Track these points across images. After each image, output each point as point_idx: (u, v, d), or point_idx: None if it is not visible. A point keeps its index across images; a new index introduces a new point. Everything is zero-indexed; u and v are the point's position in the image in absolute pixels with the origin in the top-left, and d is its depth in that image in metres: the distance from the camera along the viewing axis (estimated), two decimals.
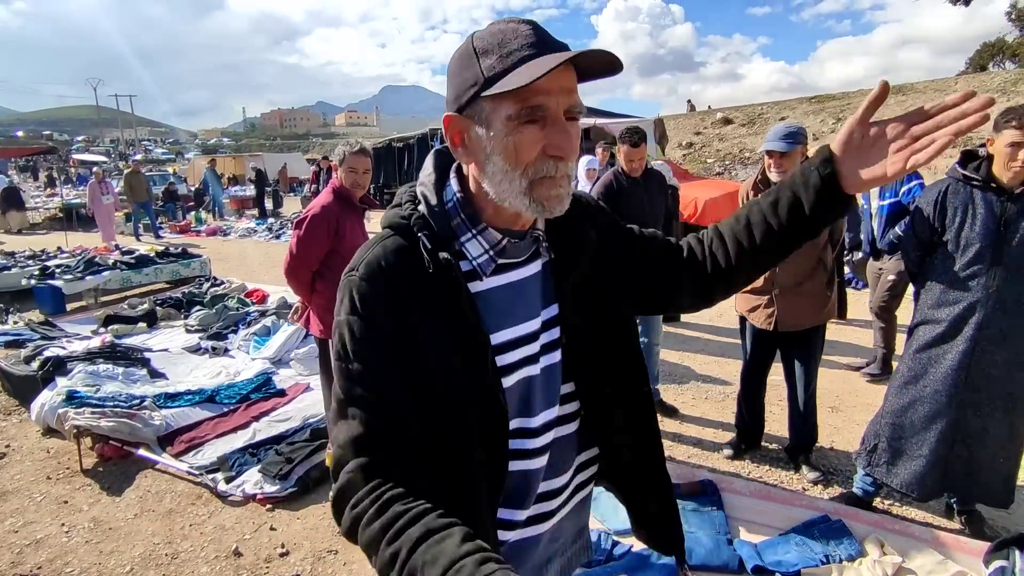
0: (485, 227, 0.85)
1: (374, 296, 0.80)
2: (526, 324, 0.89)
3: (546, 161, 0.77)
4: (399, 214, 0.87)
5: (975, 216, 2.30)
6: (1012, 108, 2.23)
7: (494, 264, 0.86)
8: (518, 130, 0.76)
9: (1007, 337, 2.29)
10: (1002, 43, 24.15)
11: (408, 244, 0.83)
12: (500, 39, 0.76)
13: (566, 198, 0.81)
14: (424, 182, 0.90)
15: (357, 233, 2.68)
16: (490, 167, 0.80)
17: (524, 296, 0.89)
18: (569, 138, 0.77)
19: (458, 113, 0.81)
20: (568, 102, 0.76)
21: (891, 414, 2.55)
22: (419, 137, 13.60)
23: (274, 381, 4.34)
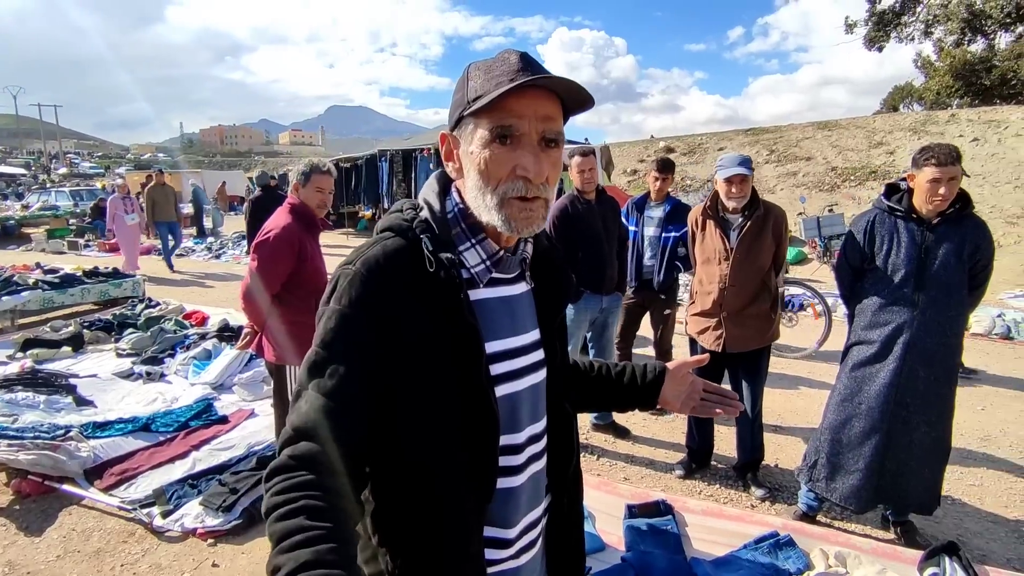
0: (485, 238, 0.89)
1: (366, 292, 0.81)
2: (515, 339, 0.91)
3: (515, 181, 0.82)
4: (401, 217, 0.89)
5: (899, 244, 2.48)
6: (928, 146, 2.44)
7: (490, 275, 0.89)
8: (491, 147, 0.81)
9: (931, 355, 2.47)
10: (910, 87, 26.33)
11: (408, 245, 0.85)
12: (489, 66, 0.83)
13: (537, 221, 0.84)
14: (427, 192, 0.93)
15: (316, 254, 2.62)
16: (469, 181, 0.86)
17: (513, 312, 0.92)
18: (537, 161, 0.81)
19: (451, 131, 0.88)
20: (544, 127, 0.81)
21: (829, 430, 2.69)
22: (368, 158, 13.47)
23: (215, 407, 4.13)
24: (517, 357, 0.91)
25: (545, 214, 0.86)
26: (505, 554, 0.94)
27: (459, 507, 0.85)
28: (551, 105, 0.82)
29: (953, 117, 14.30)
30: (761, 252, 2.89)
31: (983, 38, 22.58)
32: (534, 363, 0.94)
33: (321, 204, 2.64)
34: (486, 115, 0.80)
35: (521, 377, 0.92)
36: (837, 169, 13.84)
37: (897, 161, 13.23)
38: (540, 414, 0.96)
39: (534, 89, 0.79)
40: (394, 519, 0.88)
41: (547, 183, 0.84)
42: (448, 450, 0.84)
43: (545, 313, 0.97)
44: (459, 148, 0.88)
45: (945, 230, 2.40)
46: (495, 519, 0.91)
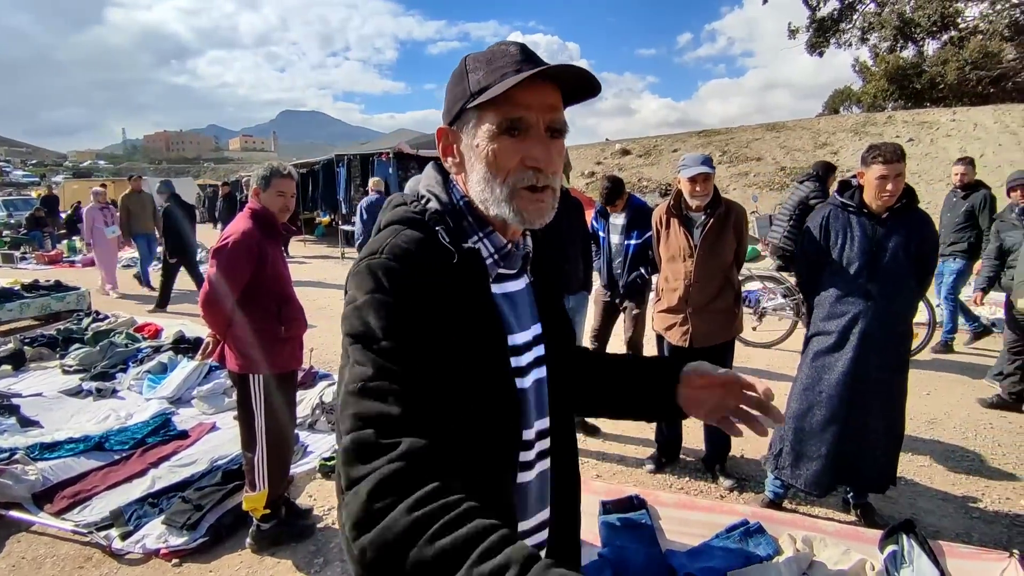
0: (492, 231, 0.88)
1: (404, 276, 0.77)
2: (521, 334, 0.90)
3: (525, 171, 0.81)
4: (409, 210, 0.86)
5: (853, 238, 2.60)
6: (875, 145, 2.56)
7: (498, 269, 0.88)
8: (498, 140, 0.80)
9: (883, 343, 2.59)
10: (849, 90, 27.62)
11: (424, 237, 0.82)
12: (489, 57, 0.82)
13: (547, 211, 0.84)
14: (430, 183, 0.91)
15: (278, 260, 2.56)
16: (474, 175, 0.84)
17: (517, 307, 0.91)
18: (547, 150, 0.81)
19: (449, 126, 0.86)
20: (550, 118, 0.81)
21: (792, 419, 2.78)
22: (324, 163, 13.23)
23: (174, 422, 3.97)
24: (523, 353, 0.90)
25: (554, 204, 0.85)
26: None
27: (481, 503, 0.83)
28: (555, 95, 0.82)
29: (890, 119, 15.07)
30: (724, 248, 2.98)
31: (913, 45, 23.90)
32: (537, 358, 0.93)
33: (283, 208, 2.58)
34: (492, 107, 0.79)
35: (527, 373, 0.91)
36: (786, 169, 14.38)
37: (841, 160, 13.84)
38: (545, 410, 0.95)
39: (538, 80, 0.78)
40: None
41: (554, 173, 0.84)
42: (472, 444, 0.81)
43: (544, 307, 0.97)
44: (459, 143, 0.86)
45: (894, 224, 2.53)
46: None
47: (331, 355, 5.52)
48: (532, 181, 0.81)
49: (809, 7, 25.45)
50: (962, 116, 13.95)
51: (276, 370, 2.55)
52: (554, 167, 0.83)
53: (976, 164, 5.71)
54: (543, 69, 0.77)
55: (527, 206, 0.82)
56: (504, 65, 0.80)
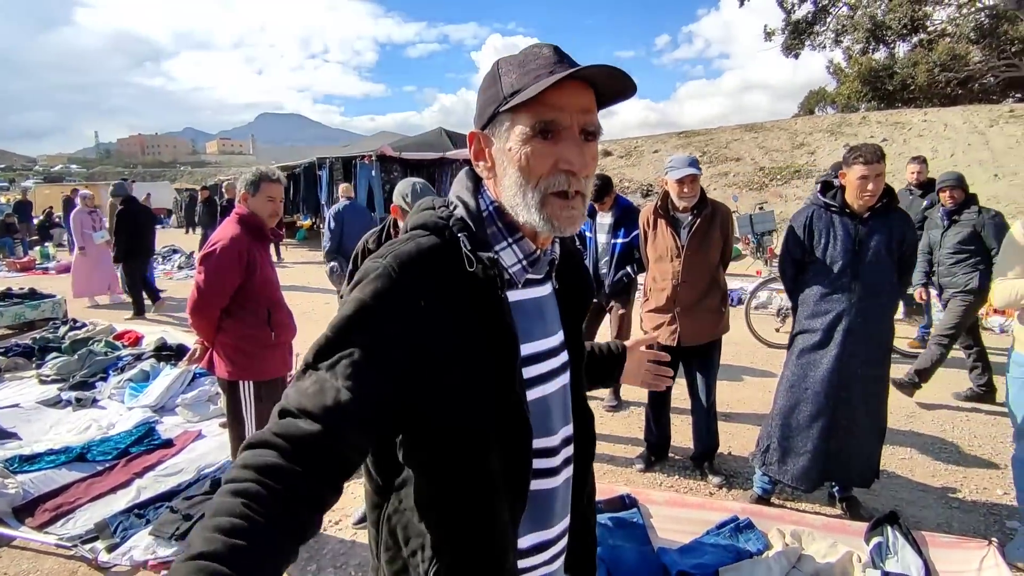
0: (522, 237, 0.87)
1: (394, 287, 0.77)
2: (546, 340, 0.91)
3: (558, 175, 0.80)
4: (435, 215, 0.86)
5: (836, 237, 2.66)
6: (856, 147, 2.63)
7: (526, 275, 0.88)
8: (532, 143, 0.79)
9: (867, 340, 2.65)
10: (824, 91, 28.14)
11: (443, 244, 0.82)
12: (521, 60, 0.81)
13: (579, 219, 0.83)
14: (460, 190, 0.90)
15: (267, 265, 2.54)
16: (506, 180, 0.83)
17: (544, 314, 0.92)
18: (581, 153, 0.80)
19: (481, 130, 0.85)
20: (584, 120, 0.80)
21: (779, 416, 2.83)
22: (306, 166, 13.11)
23: (158, 431, 3.90)
24: (549, 359, 0.90)
25: (585, 211, 0.84)
26: (543, 558, 0.92)
27: (494, 517, 0.82)
28: (589, 97, 0.81)
29: (864, 119, 15.39)
30: (710, 248, 3.03)
31: (885, 47, 24.42)
32: (562, 364, 0.93)
33: (273, 213, 2.56)
34: (525, 110, 0.78)
35: (552, 379, 0.91)
36: (764, 169, 14.60)
37: (818, 160, 14.10)
38: (569, 416, 0.95)
39: (572, 81, 0.77)
40: (428, 528, 0.84)
41: (588, 177, 0.83)
42: (481, 458, 0.81)
43: (569, 314, 0.96)
44: (491, 146, 0.85)
45: (875, 223, 2.60)
46: (536, 523, 0.90)
47: None
48: (564, 185, 0.80)
49: (784, 10, 25.86)
50: (933, 117, 14.31)
51: (266, 376, 2.53)
52: (588, 170, 0.82)
53: (948, 163, 5.88)
54: (577, 70, 0.76)
55: (558, 214, 0.81)
56: (537, 67, 0.79)
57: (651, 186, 15.59)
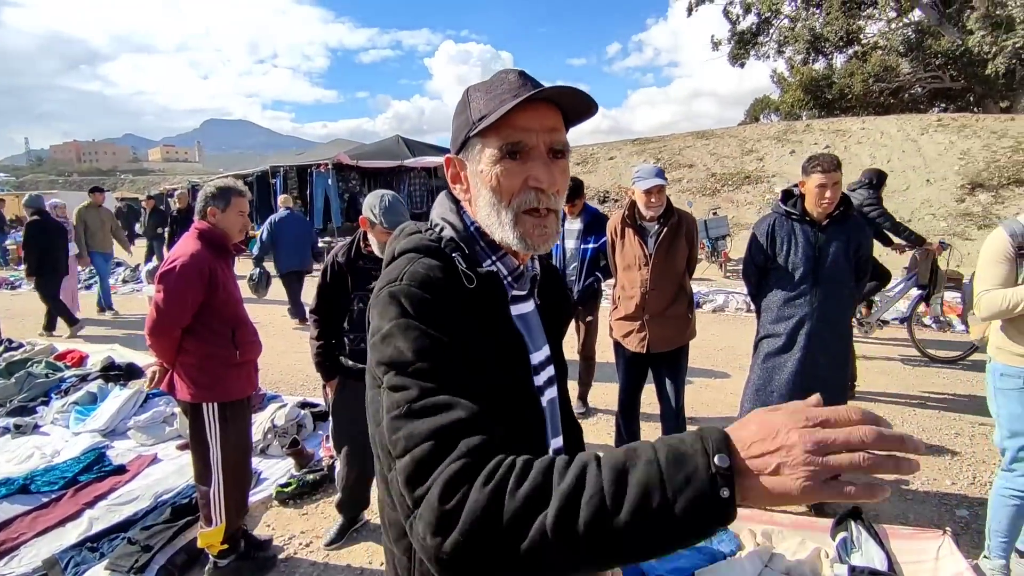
0: (505, 254, 0.90)
1: (429, 301, 0.77)
2: (536, 355, 0.92)
3: (528, 192, 0.83)
4: (425, 238, 0.87)
5: (796, 244, 2.76)
6: (815, 156, 2.74)
7: (512, 291, 0.90)
8: (501, 164, 0.82)
9: (828, 343, 2.76)
10: (768, 100, 29.31)
11: (442, 264, 0.83)
12: (488, 86, 0.85)
13: (551, 236, 0.86)
14: (444, 212, 0.92)
15: (230, 281, 2.44)
16: (481, 200, 0.86)
17: (530, 328, 0.93)
18: (550, 171, 0.83)
19: (456, 154, 0.89)
20: (550, 139, 0.83)
21: None
22: (259, 175, 12.73)
23: (109, 457, 3.70)
24: (539, 373, 0.93)
25: (557, 228, 0.88)
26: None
27: None
28: (555, 117, 0.84)
29: (808, 127, 16.09)
30: (677, 256, 3.09)
31: (824, 58, 25.66)
32: (549, 378, 0.96)
33: (244, 228, 2.48)
34: (494, 133, 0.82)
35: (543, 393, 0.93)
36: (716, 175, 15.05)
37: (766, 166, 14.64)
38: (558, 430, 0.97)
39: (537, 103, 0.81)
40: None
41: (558, 193, 0.86)
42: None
43: (552, 329, 1.00)
44: (466, 170, 0.89)
45: (833, 230, 2.71)
46: None
47: (276, 375, 5.31)
48: (535, 203, 0.84)
49: (729, 21, 26.86)
50: (870, 125, 15.08)
51: (231, 397, 2.43)
52: (557, 187, 0.85)
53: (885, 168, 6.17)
54: (536, 92, 0.79)
55: (531, 231, 0.84)
56: (503, 92, 0.83)
57: (607, 192, 15.84)
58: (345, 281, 2.63)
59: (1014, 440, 2.27)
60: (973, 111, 19.41)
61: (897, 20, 24.28)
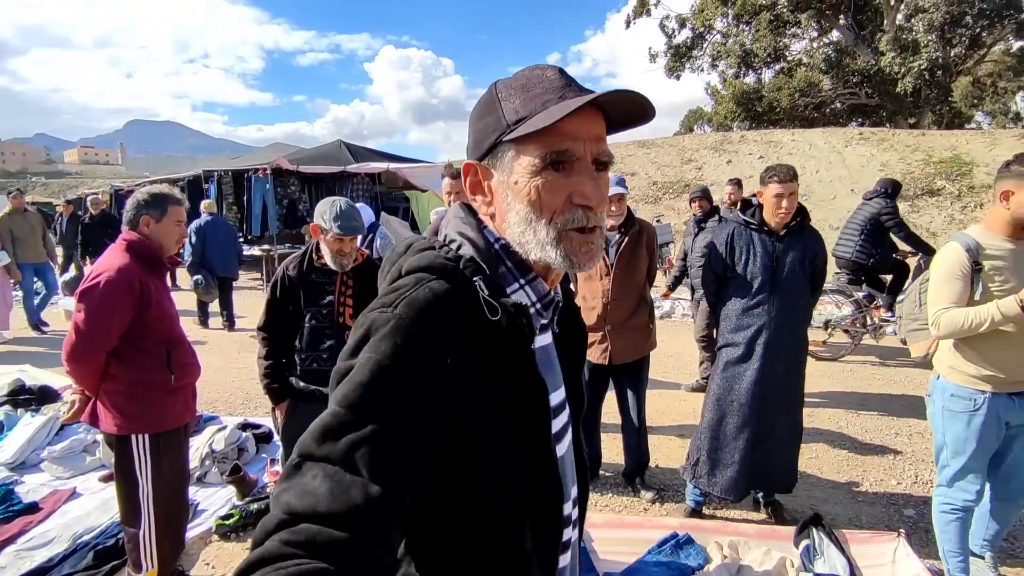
0: (535, 277, 0.77)
1: (420, 344, 0.64)
2: (557, 393, 0.81)
3: (574, 211, 0.72)
4: (440, 255, 0.74)
5: (755, 254, 2.78)
6: (772, 167, 2.77)
7: (540, 320, 0.78)
8: (542, 176, 0.71)
9: (785, 352, 2.79)
10: (702, 111, 30.47)
11: (457, 289, 0.70)
12: (524, 83, 0.73)
13: (597, 253, 0.75)
14: (460, 226, 0.79)
15: (164, 297, 2.20)
16: (512, 216, 0.74)
17: (551, 363, 0.82)
18: (598, 187, 0.73)
19: (479, 161, 0.76)
20: (597, 149, 0.73)
21: (708, 429, 2.91)
22: (190, 179, 12.03)
23: (18, 493, 3.30)
24: (560, 414, 0.81)
25: (602, 245, 0.77)
26: None
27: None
28: (600, 124, 0.74)
29: (743, 138, 16.78)
30: (638, 266, 3.06)
31: (754, 72, 26.96)
32: (565, 423, 0.84)
33: (181, 239, 2.26)
34: (534, 140, 0.70)
35: (564, 437, 0.82)
36: (658, 183, 15.44)
37: (704, 175, 15.14)
38: (574, 477, 0.86)
39: (585, 107, 0.70)
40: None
41: (603, 211, 0.76)
42: (517, 541, 0.71)
43: (569, 363, 0.87)
44: (491, 179, 0.77)
45: (790, 240, 2.74)
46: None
47: (214, 393, 4.95)
48: (583, 222, 0.73)
49: (666, 34, 27.87)
50: (799, 137, 15.89)
51: (165, 426, 2.18)
52: (603, 204, 0.75)
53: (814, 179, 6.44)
54: (595, 96, 0.68)
55: (577, 249, 0.73)
56: (543, 91, 0.71)
57: None
58: (297, 296, 2.45)
59: (956, 460, 2.25)
60: (887, 126, 20.81)
61: (818, 39, 25.86)
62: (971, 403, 2.17)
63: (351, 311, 2.46)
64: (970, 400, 2.18)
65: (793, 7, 24.31)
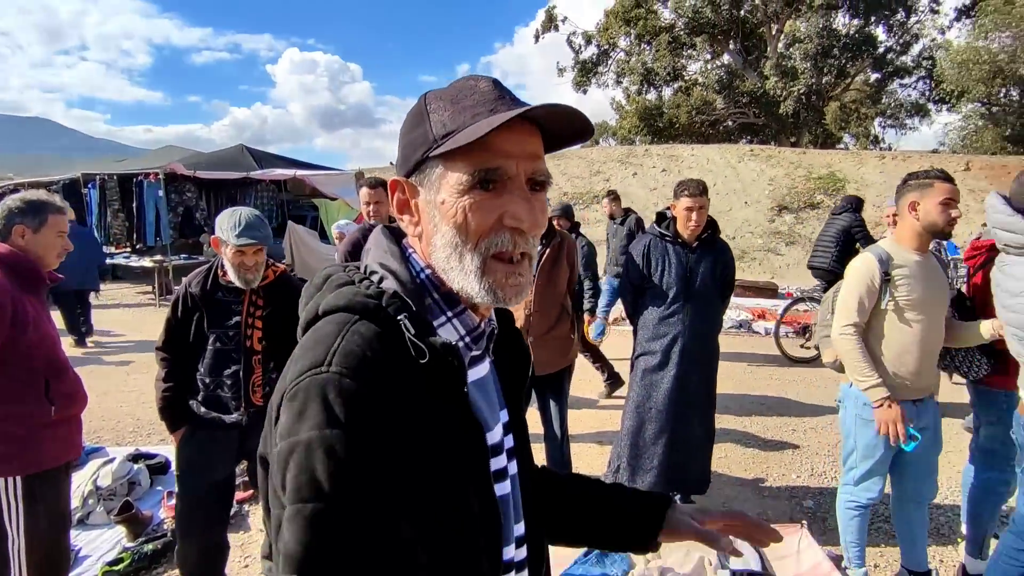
0: (464, 310, 0.72)
1: (366, 398, 0.58)
2: (496, 430, 0.76)
3: (502, 233, 0.67)
4: (360, 292, 0.66)
5: (670, 265, 2.90)
6: (684, 181, 2.91)
7: (469, 354, 0.72)
8: (471, 195, 0.66)
9: (699, 358, 2.93)
10: (607, 125, 31.83)
11: (384, 330, 0.64)
12: (455, 95, 0.68)
13: (525, 287, 0.70)
14: (382, 255, 0.72)
15: (43, 318, 1.93)
16: (438, 239, 0.69)
17: (489, 396, 0.76)
18: (532, 209, 0.67)
19: (406, 177, 0.70)
20: (532, 168, 0.68)
21: (628, 436, 2.99)
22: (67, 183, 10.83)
23: None
24: (497, 455, 0.75)
25: (531, 277, 0.72)
26: None
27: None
28: (537, 141, 0.69)
29: (647, 152, 17.67)
30: (559, 278, 3.10)
31: (655, 90, 28.54)
32: (508, 450, 0.79)
33: (63, 252, 1.99)
34: (462, 156, 0.65)
35: (506, 475, 0.76)
36: (568, 194, 15.88)
37: (612, 187, 15.75)
38: (520, 514, 0.80)
39: (519, 123, 0.66)
40: None
41: (537, 236, 0.70)
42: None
43: (511, 391, 0.82)
44: (418, 197, 0.71)
45: (702, 252, 2.89)
46: None
47: (98, 422, 4.46)
48: (510, 246, 0.67)
49: (573, 50, 28.93)
50: (698, 152, 16.98)
51: (43, 466, 1.91)
52: (538, 228, 0.69)
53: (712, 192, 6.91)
54: (529, 110, 0.63)
55: (502, 282, 0.67)
56: (475, 104, 0.66)
57: None
58: (199, 316, 2.23)
59: (865, 463, 2.40)
60: (772, 144, 22.72)
61: (712, 61, 27.84)
62: None
63: (260, 334, 2.26)
64: None
65: (689, 31, 26.04)
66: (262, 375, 2.28)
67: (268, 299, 2.27)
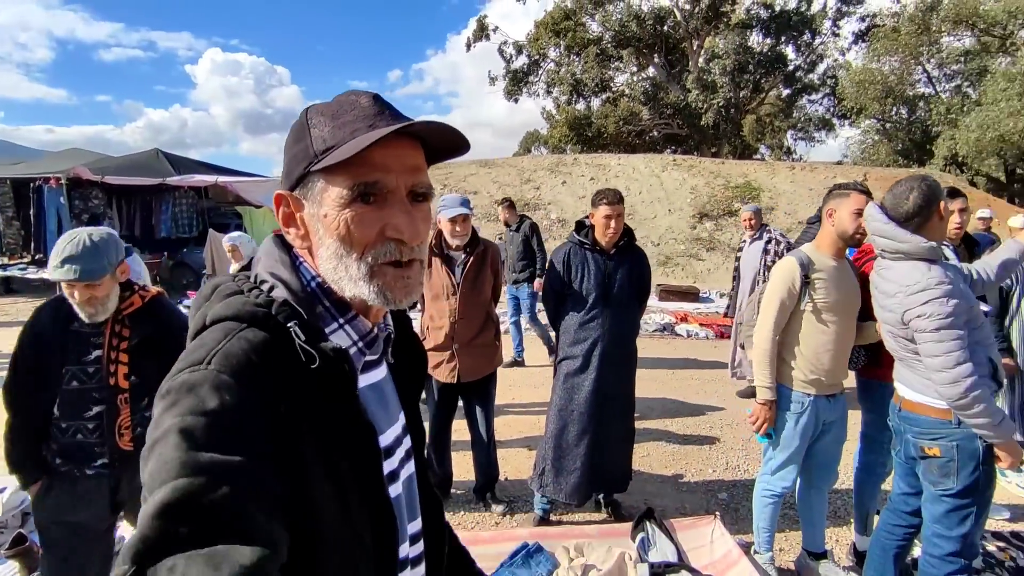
0: (355, 316, 0.74)
1: (241, 398, 0.58)
2: (392, 431, 0.78)
3: (387, 244, 0.70)
4: (248, 301, 0.66)
5: (589, 271, 3.00)
6: (601, 191, 3.02)
7: (363, 359, 0.74)
8: (352, 209, 0.68)
9: (618, 361, 3.04)
10: (538, 133, 32.41)
11: (272, 338, 0.64)
12: (335, 110, 0.70)
13: (415, 287, 0.73)
14: (272, 264, 0.73)
15: None
16: (323, 251, 0.71)
17: (384, 399, 0.79)
18: (412, 220, 0.71)
19: (290, 191, 0.72)
20: (412, 181, 0.71)
21: (551, 439, 3.06)
22: None
23: None
24: (396, 451, 0.78)
25: (421, 279, 0.74)
26: None
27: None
28: (417, 154, 0.72)
29: (576, 160, 18.09)
30: (484, 285, 3.14)
31: (584, 100, 29.32)
32: (406, 452, 0.82)
33: None
34: (342, 170, 0.67)
35: (398, 476, 0.79)
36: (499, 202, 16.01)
37: (543, 195, 16.03)
38: (417, 511, 0.84)
39: (398, 137, 0.68)
40: None
41: (420, 244, 0.73)
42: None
43: (407, 393, 0.86)
44: (303, 211, 0.72)
45: (619, 258, 3.00)
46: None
47: None
48: (396, 255, 0.70)
49: (504, 59, 29.29)
50: (624, 162, 17.56)
51: None
52: (420, 238, 0.72)
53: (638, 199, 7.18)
54: (405, 126, 0.67)
55: (392, 284, 0.70)
56: (354, 119, 0.69)
57: None
58: (54, 351, 1.93)
59: (782, 454, 2.57)
60: (694, 154, 23.85)
61: (638, 74, 28.94)
62: (799, 405, 2.48)
63: (127, 369, 1.94)
64: (799, 403, 2.48)
65: (616, 44, 26.96)
66: (131, 416, 1.96)
67: (136, 328, 1.96)
